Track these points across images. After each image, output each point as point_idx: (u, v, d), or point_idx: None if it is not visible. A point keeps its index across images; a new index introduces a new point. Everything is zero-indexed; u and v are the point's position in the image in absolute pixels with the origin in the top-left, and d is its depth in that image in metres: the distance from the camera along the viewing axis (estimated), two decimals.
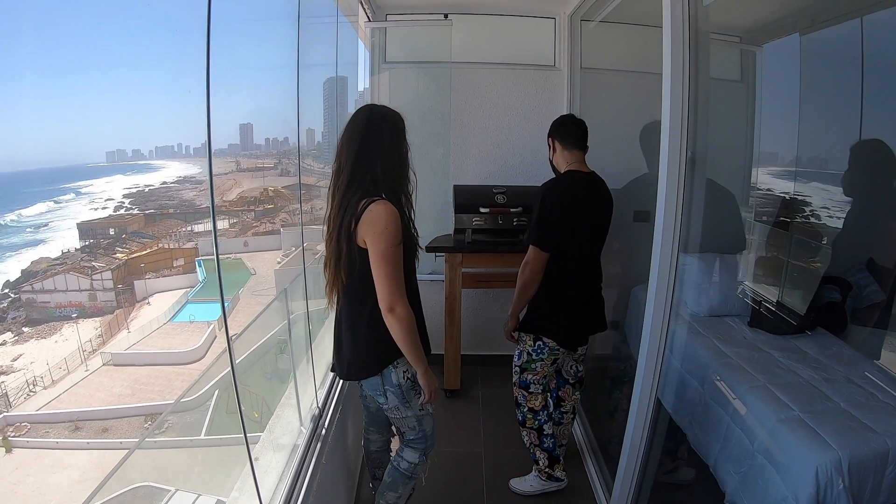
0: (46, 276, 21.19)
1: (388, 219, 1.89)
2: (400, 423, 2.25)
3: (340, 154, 1.99)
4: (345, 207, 1.95)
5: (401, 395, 2.11)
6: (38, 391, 16.03)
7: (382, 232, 1.89)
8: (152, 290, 21.82)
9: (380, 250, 1.89)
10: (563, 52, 3.98)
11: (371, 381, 2.11)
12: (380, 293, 1.93)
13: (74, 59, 74.78)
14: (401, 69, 4.10)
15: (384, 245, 1.89)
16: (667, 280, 2.08)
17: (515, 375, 2.83)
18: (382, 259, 1.90)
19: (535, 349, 2.72)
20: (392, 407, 2.15)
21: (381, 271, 1.90)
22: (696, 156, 2.03)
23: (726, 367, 2.16)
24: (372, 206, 1.91)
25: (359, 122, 2.00)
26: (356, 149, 1.96)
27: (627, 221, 2.90)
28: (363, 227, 1.90)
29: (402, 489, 2.32)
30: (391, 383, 2.09)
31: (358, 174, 1.96)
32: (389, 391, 2.10)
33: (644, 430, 2.31)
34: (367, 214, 1.90)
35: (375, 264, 1.91)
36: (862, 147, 2.26)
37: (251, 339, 2.49)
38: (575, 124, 2.69)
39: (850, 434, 1.68)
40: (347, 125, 2.02)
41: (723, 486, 1.99)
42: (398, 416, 2.18)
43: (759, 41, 2.77)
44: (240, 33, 2.08)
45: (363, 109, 2.06)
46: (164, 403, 14.75)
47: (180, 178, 29.93)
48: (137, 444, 5.84)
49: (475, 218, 3.62)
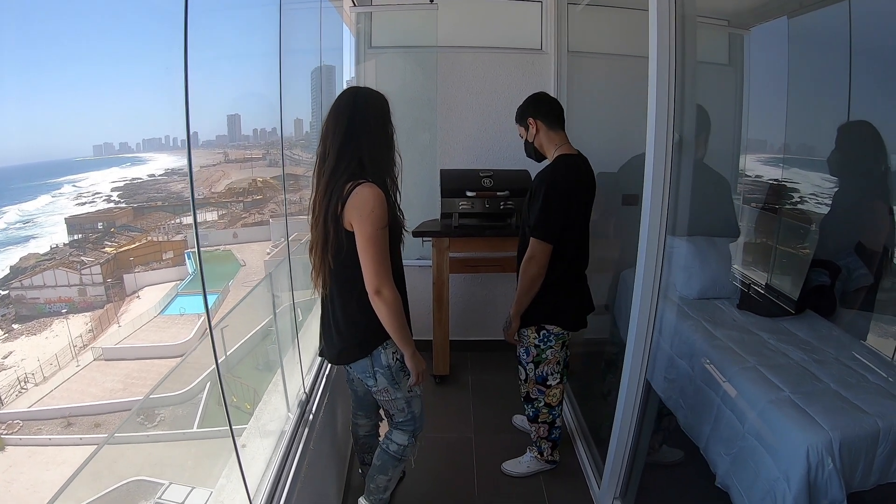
0: (35, 271, 21.01)
1: (374, 202, 1.89)
2: (389, 406, 2.26)
3: (326, 137, 1.98)
4: (331, 191, 1.94)
5: (390, 376, 2.13)
6: (29, 388, 15.93)
7: (369, 215, 1.89)
8: (142, 283, 21.68)
9: (366, 233, 1.90)
10: (549, 36, 3.96)
11: (360, 364, 2.12)
12: (366, 276, 1.93)
13: (57, 52, 73.83)
14: (387, 55, 4.08)
15: (371, 228, 1.89)
16: (654, 263, 2.10)
17: (528, 372, 2.78)
18: (369, 242, 1.90)
19: (541, 339, 2.69)
20: (381, 389, 2.16)
21: (368, 254, 1.91)
22: (684, 139, 2.03)
23: (716, 349, 2.17)
24: (358, 189, 1.90)
25: (343, 104, 1.99)
26: (342, 132, 1.95)
27: (618, 205, 2.90)
28: (349, 210, 1.90)
29: (393, 472, 2.35)
30: (381, 364, 2.10)
31: (344, 158, 1.95)
32: (379, 373, 2.12)
33: (633, 412, 2.32)
34: (354, 197, 1.89)
35: (362, 247, 1.91)
36: (849, 127, 2.26)
37: (242, 331, 2.48)
38: (554, 101, 2.64)
39: (841, 414, 1.68)
40: (332, 108, 2.01)
41: (713, 467, 1.99)
42: (387, 398, 2.20)
43: (746, 24, 2.76)
44: (225, 21, 2.06)
45: (348, 92, 2.04)
46: (158, 397, 14.71)
47: (168, 171, 29.67)
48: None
49: (462, 202, 3.61)
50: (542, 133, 2.60)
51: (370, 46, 4.03)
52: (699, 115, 2.36)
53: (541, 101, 2.64)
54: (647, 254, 2.09)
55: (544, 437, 2.87)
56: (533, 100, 2.65)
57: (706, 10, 2.63)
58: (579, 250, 2.63)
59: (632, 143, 2.68)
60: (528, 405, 2.85)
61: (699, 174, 2.38)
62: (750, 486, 1.80)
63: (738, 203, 2.72)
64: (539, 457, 2.92)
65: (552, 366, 2.73)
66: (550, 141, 2.59)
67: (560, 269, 2.58)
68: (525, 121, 2.63)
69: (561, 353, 2.73)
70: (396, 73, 4.11)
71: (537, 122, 2.59)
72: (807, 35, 2.48)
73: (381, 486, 2.37)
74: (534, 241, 2.52)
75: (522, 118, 2.65)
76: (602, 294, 2.95)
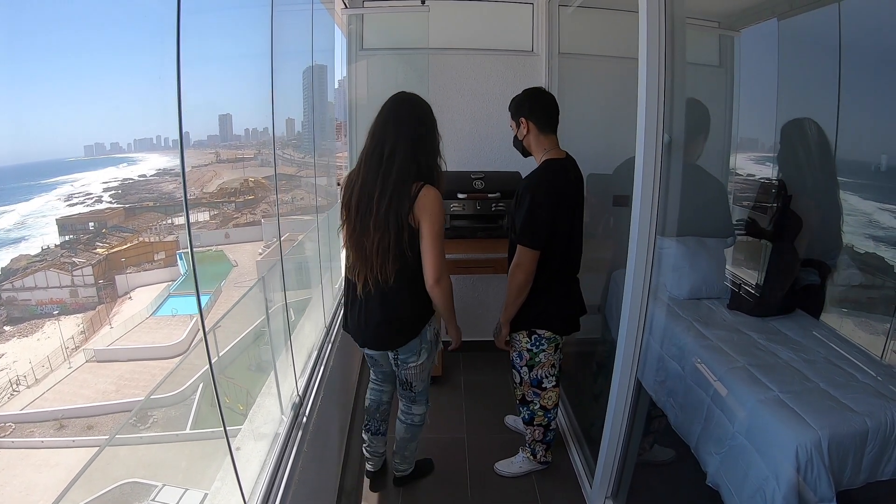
0: (26, 273, 20.87)
1: (439, 203, 2.16)
2: (417, 378, 2.50)
3: (384, 139, 2.17)
4: (399, 193, 2.13)
5: (430, 349, 2.41)
6: (21, 390, 15.83)
7: (438, 213, 2.15)
8: (134, 284, 21.56)
9: (434, 231, 2.15)
10: (540, 38, 3.97)
11: (411, 344, 2.35)
12: (430, 267, 2.18)
13: (46, 52, 73.30)
14: (378, 57, 4.07)
15: (437, 226, 2.15)
16: (644, 263, 2.11)
17: (523, 376, 2.78)
18: (436, 238, 2.16)
19: (533, 343, 2.69)
20: (421, 363, 2.42)
21: (434, 249, 2.16)
22: (674, 140, 2.04)
23: (706, 349, 2.17)
24: (425, 191, 2.14)
25: (406, 111, 2.22)
26: (408, 138, 2.15)
27: (609, 206, 2.91)
28: (419, 210, 2.12)
29: (419, 437, 2.75)
30: (426, 341, 2.37)
31: (412, 163, 2.15)
32: (424, 348, 2.38)
33: (624, 412, 2.34)
34: (423, 199, 2.12)
35: (428, 243, 2.16)
36: (792, 125, 2.34)
37: (235, 331, 2.48)
38: (549, 102, 2.59)
39: (830, 413, 1.69)
40: (391, 111, 2.22)
41: (704, 466, 2.00)
42: (420, 371, 2.46)
43: (737, 26, 2.77)
44: (216, 21, 2.05)
45: (408, 99, 2.26)
46: (151, 398, 14.64)
47: (159, 171, 29.53)
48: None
49: (453, 204, 3.62)
50: (532, 135, 2.57)
51: (361, 48, 4.02)
52: (700, 113, 2.38)
53: (536, 100, 2.59)
54: (638, 254, 2.10)
55: (539, 440, 2.88)
56: (528, 98, 2.60)
57: (696, 11, 2.64)
58: (568, 254, 2.62)
59: (622, 145, 2.69)
60: (524, 408, 2.85)
61: (693, 175, 2.39)
62: (740, 484, 1.80)
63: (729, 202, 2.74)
64: (532, 458, 2.92)
65: (546, 369, 2.72)
66: (539, 144, 2.57)
67: (548, 274, 2.58)
68: (518, 119, 2.59)
69: (555, 356, 2.72)
70: (388, 74, 4.09)
71: (529, 124, 2.56)
72: (797, 37, 2.49)
73: (412, 450, 2.77)
74: (520, 248, 2.52)
75: (516, 115, 2.61)
76: (593, 295, 2.96)
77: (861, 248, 2.22)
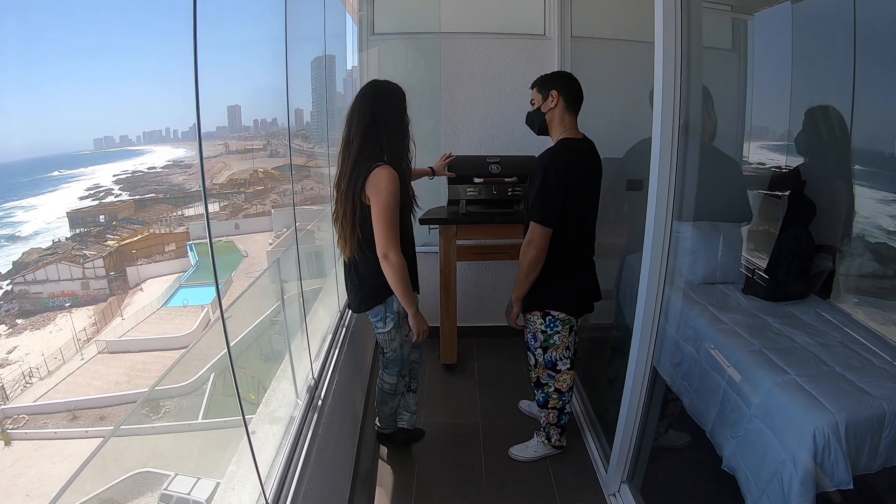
0: (38, 266, 20.93)
1: (387, 181, 2.28)
2: (386, 344, 2.66)
3: (350, 124, 2.37)
4: (357, 171, 2.33)
5: (396, 322, 2.56)
6: (34, 382, 15.92)
7: (383, 191, 2.27)
8: (145, 275, 21.54)
9: (379, 206, 2.29)
10: (553, 21, 3.95)
11: (376, 310, 2.54)
12: (378, 242, 2.33)
13: (59, 45, 73.11)
14: (390, 44, 4.06)
15: (382, 202, 2.28)
16: (661, 247, 2.09)
17: (537, 357, 2.78)
18: (382, 213, 2.29)
19: (548, 325, 2.69)
20: (387, 331, 2.59)
21: (379, 224, 2.30)
22: (690, 123, 2.02)
23: (722, 332, 2.17)
24: (376, 170, 2.29)
25: (367, 96, 2.39)
26: (366, 121, 2.34)
27: (622, 190, 2.89)
28: (368, 188, 2.29)
29: (391, 402, 2.88)
30: (392, 310, 2.53)
31: (368, 143, 2.34)
32: (389, 317, 2.54)
33: (640, 397, 2.33)
34: (372, 177, 2.29)
35: (375, 218, 2.30)
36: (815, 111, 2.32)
37: (246, 321, 2.49)
38: (578, 86, 2.60)
39: (847, 397, 1.69)
40: (356, 98, 2.41)
41: (720, 450, 2.00)
42: (387, 339, 2.62)
43: (750, 9, 2.74)
44: (226, 10, 2.04)
45: (371, 84, 2.44)
46: (163, 388, 14.66)
47: (169, 163, 29.53)
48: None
49: (469, 189, 3.57)
50: (558, 109, 2.56)
51: (373, 34, 4.01)
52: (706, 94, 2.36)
53: (568, 80, 2.60)
54: (654, 238, 2.08)
55: (553, 423, 2.88)
56: (561, 75, 2.65)
57: None
58: (582, 236, 2.62)
59: (635, 128, 2.67)
60: (538, 390, 2.85)
61: (709, 156, 2.38)
62: (756, 468, 1.80)
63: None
64: (547, 442, 2.93)
65: (561, 351, 2.72)
66: (562, 121, 2.57)
67: (562, 255, 2.57)
68: (548, 91, 2.58)
69: (569, 338, 2.72)
70: (399, 60, 4.09)
71: (560, 98, 2.55)
72: (811, 20, 2.47)
73: (386, 413, 2.93)
74: (532, 225, 2.52)
75: (545, 87, 2.59)
76: (606, 280, 2.94)
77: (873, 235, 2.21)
